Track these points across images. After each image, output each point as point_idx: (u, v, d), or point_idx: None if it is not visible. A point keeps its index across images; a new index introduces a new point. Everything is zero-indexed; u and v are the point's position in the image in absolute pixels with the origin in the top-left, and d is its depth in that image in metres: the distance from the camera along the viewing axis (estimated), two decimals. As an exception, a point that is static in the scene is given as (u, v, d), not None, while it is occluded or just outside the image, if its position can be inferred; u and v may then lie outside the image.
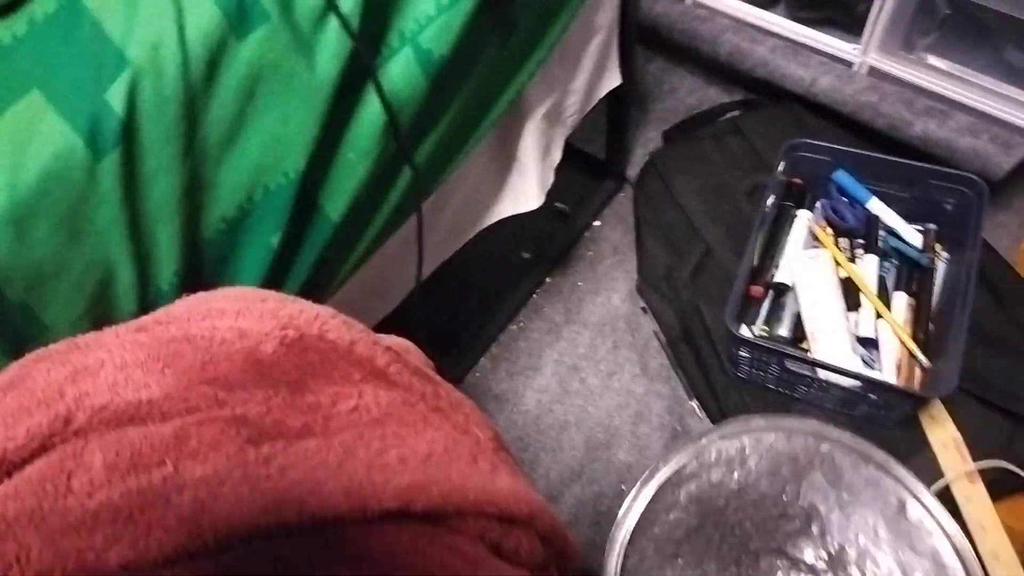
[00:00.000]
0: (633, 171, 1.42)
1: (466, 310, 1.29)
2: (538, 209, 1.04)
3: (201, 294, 0.52)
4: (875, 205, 1.16)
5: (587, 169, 1.41)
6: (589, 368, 1.23)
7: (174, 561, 0.33)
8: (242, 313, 0.46)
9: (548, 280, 1.34)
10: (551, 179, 1.04)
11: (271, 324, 0.45)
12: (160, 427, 0.37)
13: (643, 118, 1.49)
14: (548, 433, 1.17)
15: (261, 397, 0.41)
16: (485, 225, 1.01)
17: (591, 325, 1.28)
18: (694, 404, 1.17)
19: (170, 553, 0.33)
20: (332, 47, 0.61)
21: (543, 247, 1.35)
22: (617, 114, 1.28)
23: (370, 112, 0.67)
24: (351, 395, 0.43)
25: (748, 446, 0.87)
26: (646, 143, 1.45)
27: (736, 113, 1.41)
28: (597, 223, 1.40)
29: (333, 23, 0.61)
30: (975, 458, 0.97)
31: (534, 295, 1.33)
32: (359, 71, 0.64)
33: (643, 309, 1.27)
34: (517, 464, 0.50)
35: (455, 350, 1.25)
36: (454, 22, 0.68)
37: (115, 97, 0.53)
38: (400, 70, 0.67)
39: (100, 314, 0.58)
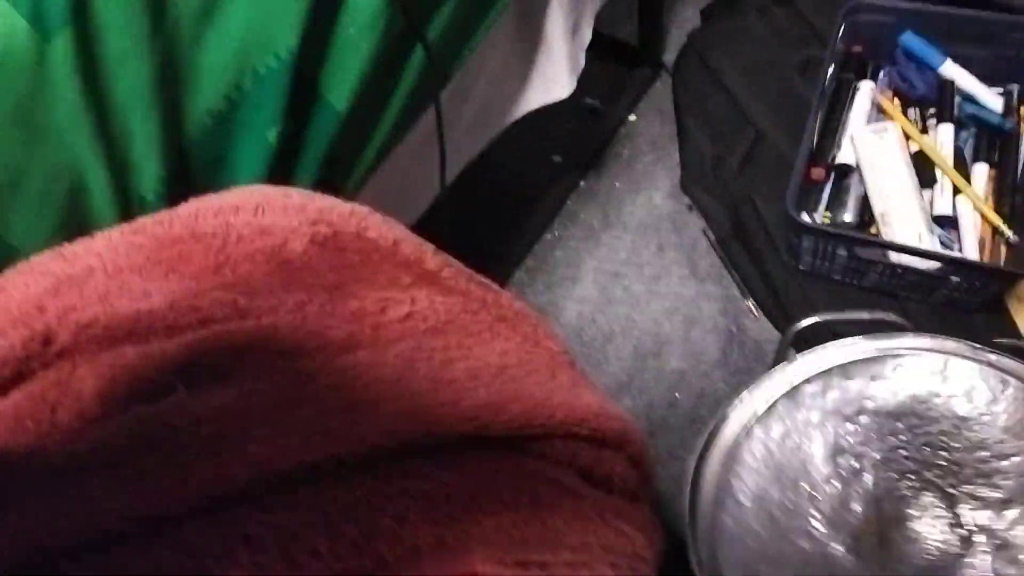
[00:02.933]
0: (670, 56, 1.29)
1: (496, 221, 1.19)
2: (566, 107, 0.94)
3: (208, 195, 0.43)
4: (949, 68, 1.03)
5: (618, 57, 1.29)
6: (632, 274, 1.14)
7: (192, 514, 0.25)
8: (262, 208, 0.37)
9: (582, 184, 1.24)
10: (582, 62, 0.93)
11: (299, 219, 0.36)
12: (165, 343, 0.29)
13: (677, -5, 1.36)
14: (592, 345, 1.09)
15: (292, 304, 0.32)
16: (513, 118, 0.91)
17: (632, 228, 1.18)
18: (750, 303, 1.07)
19: (187, 503, 0.25)
20: None
21: (574, 149, 1.24)
22: (649, -10, 1.16)
23: (369, -24, 0.56)
24: (402, 301, 0.35)
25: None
26: (682, 24, 1.32)
27: (781, -20, 1.27)
28: (632, 117, 1.29)
29: None
30: (1072, 340, 0.88)
31: (568, 201, 1.23)
32: (352, -76, 0.54)
33: (688, 207, 1.17)
34: (594, 381, 0.41)
35: (487, 264, 1.16)
36: None
37: (57, -39, 0.43)
38: (401, -78, 0.56)
39: (74, 231, 0.49)
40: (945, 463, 0.66)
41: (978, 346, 0.68)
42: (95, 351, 0.29)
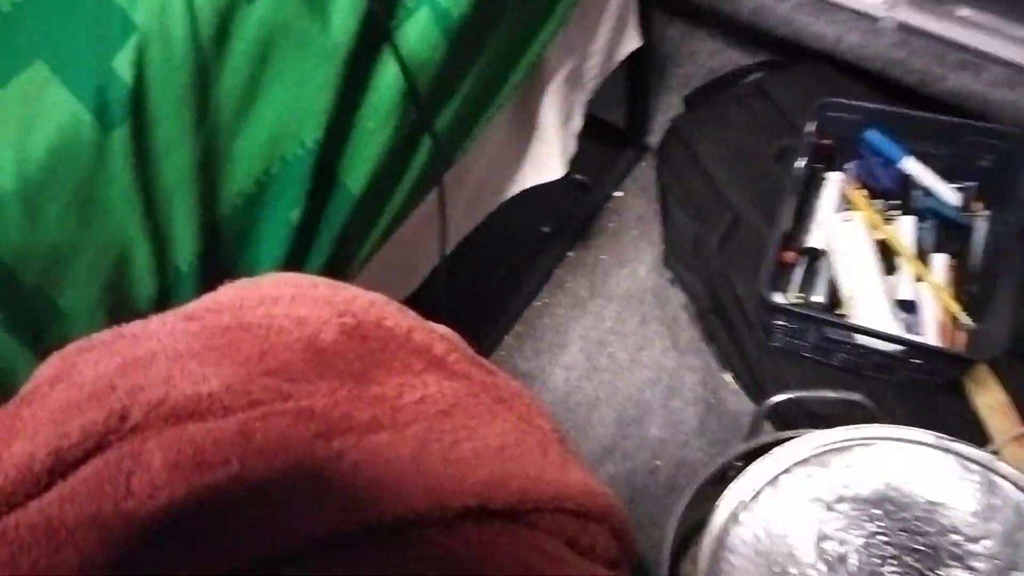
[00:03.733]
0: (654, 139, 1.38)
1: (487, 288, 1.25)
2: (557, 181, 1.01)
3: (246, 280, 0.49)
4: (909, 164, 1.11)
5: (606, 138, 1.37)
6: (617, 343, 1.20)
7: (247, 569, 0.31)
8: (296, 299, 0.43)
9: (570, 254, 1.31)
10: (573, 147, 1.01)
11: (328, 311, 0.42)
12: (222, 423, 0.34)
13: (663, 84, 1.45)
14: (578, 411, 1.14)
15: (326, 389, 0.38)
16: (507, 197, 0.98)
17: (617, 298, 1.24)
18: (727, 376, 1.13)
19: (242, 560, 0.30)
20: (346, 6, 0.58)
21: (563, 220, 1.32)
22: (636, 79, 1.24)
23: (388, 76, 0.63)
24: (416, 386, 0.40)
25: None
26: (667, 109, 1.41)
27: (760, 75, 1.37)
28: (619, 193, 1.36)
29: (347, -19, 0.57)
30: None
31: (556, 270, 1.29)
32: (375, 32, 0.61)
33: (671, 281, 1.24)
34: (580, 455, 0.47)
35: (478, 329, 1.22)
36: (472, -21, 0.65)
37: (122, 65, 0.50)
38: (418, 31, 0.64)
39: (117, 298, 0.55)
40: (922, 547, 0.70)
41: (943, 436, 0.73)
42: (162, 427, 0.34)
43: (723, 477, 0.80)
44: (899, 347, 0.95)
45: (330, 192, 0.65)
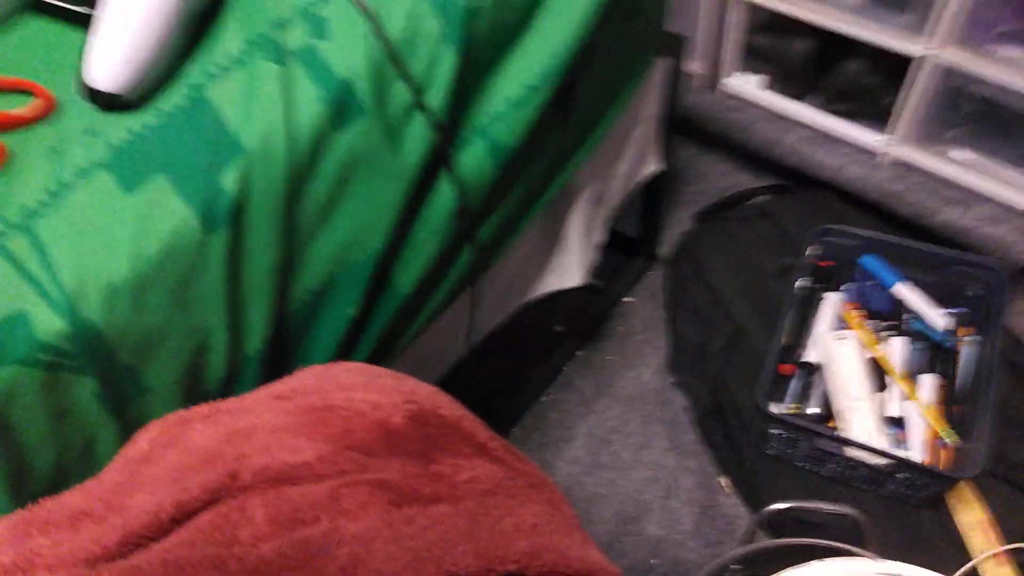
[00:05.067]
0: (663, 250, 1.47)
1: (498, 380, 1.32)
2: (570, 285, 1.09)
3: (320, 367, 0.57)
4: (901, 289, 1.20)
5: (620, 246, 1.46)
6: (620, 441, 1.26)
7: None
8: (368, 386, 0.50)
9: (579, 353, 1.38)
10: (594, 258, 1.10)
11: (397, 398, 0.49)
12: (315, 487, 0.41)
13: (674, 200, 1.56)
14: (578, 505, 1.19)
15: (396, 465, 0.45)
16: (531, 298, 1.06)
17: (622, 399, 1.31)
18: (723, 480, 1.19)
19: None
20: (417, 137, 0.67)
21: (575, 321, 1.39)
22: (652, 195, 1.34)
23: (443, 195, 0.72)
24: (466, 467, 0.47)
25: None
26: (677, 224, 1.51)
27: (766, 198, 1.47)
28: (628, 299, 1.45)
29: (419, 116, 0.67)
30: (1003, 541, 0.99)
31: (565, 367, 1.36)
32: (436, 158, 0.70)
33: (673, 384, 1.31)
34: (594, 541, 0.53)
35: (489, 419, 1.28)
36: (524, 117, 0.74)
37: (228, 180, 0.58)
38: (472, 159, 0.73)
39: (192, 379, 0.62)
40: None
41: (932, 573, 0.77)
42: (265, 488, 0.41)
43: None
44: (887, 461, 1.02)
45: (382, 292, 0.73)
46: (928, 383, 1.13)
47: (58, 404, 0.55)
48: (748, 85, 1.50)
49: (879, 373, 1.14)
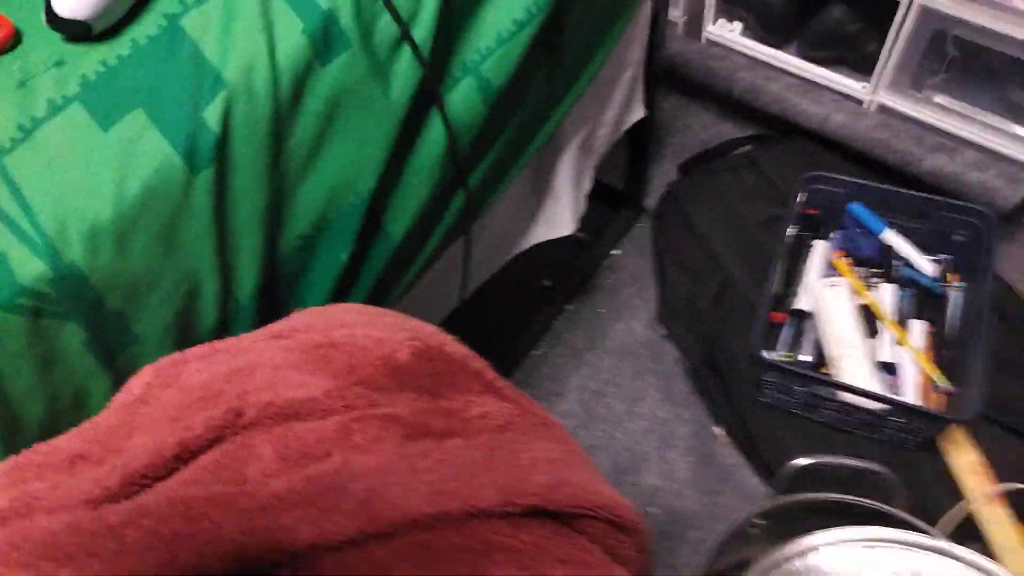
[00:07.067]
0: (650, 201, 1.46)
1: (488, 336, 1.29)
2: (558, 238, 1.07)
3: (316, 308, 0.55)
4: (889, 236, 1.20)
5: (606, 199, 1.45)
6: (613, 393, 1.25)
7: (352, 543, 0.35)
8: (371, 324, 0.48)
9: (569, 307, 1.37)
10: (583, 207, 1.08)
11: (401, 335, 0.47)
12: (323, 423, 0.39)
13: (659, 151, 1.54)
14: (573, 457, 1.18)
15: (406, 400, 0.43)
16: (522, 249, 1.04)
17: (613, 352, 1.30)
18: (718, 429, 1.19)
19: (349, 535, 0.34)
20: (405, 74, 0.64)
21: (563, 275, 1.38)
22: (637, 146, 1.33)
23: (434, 137, 0.70)
24: (477, 403, 0.45)
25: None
26: (662, 175, 1.50)
27: (750, 147, 1.46)
28: (616, 251, 1.43)
29: (407, 51, 0.64)
30: (995, 482, 1.00)
31: (555, 322, 1.35)
32: (426, 97, 0.68)
33: (664, 336, 1.30)
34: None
35: (480, 375, 1.27)
36: (512, 54, 0.72)
37: (212, 116, 0.56)
38: (462, 97, 0.71)
39: (184, 327, 0.60)
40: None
41: (956, 546, 0.76)
42: (270, 425, 0.39)
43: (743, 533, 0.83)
44: (881, 406, 1.02)
45: (374, 237, 0.71)
46: (919, 329, 1.13)
47: (45, 352, 0.52)
48: (731, 32, 1.47)
49: (870, 319, 1.14)
